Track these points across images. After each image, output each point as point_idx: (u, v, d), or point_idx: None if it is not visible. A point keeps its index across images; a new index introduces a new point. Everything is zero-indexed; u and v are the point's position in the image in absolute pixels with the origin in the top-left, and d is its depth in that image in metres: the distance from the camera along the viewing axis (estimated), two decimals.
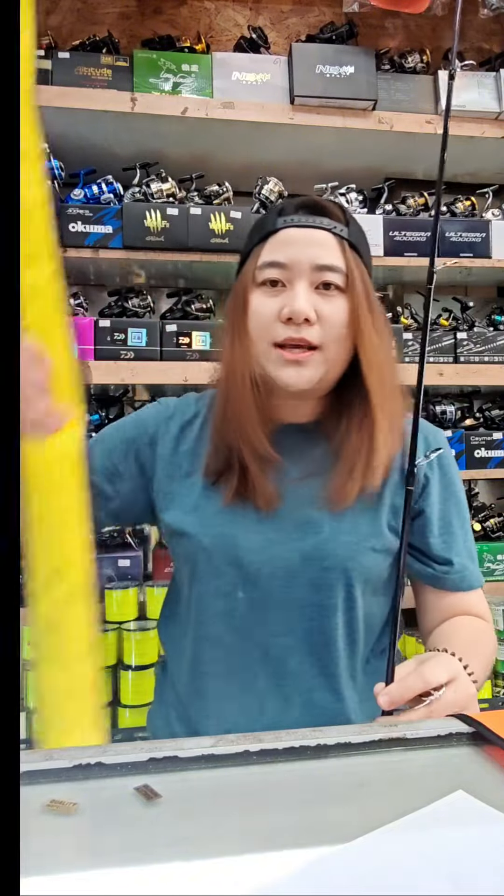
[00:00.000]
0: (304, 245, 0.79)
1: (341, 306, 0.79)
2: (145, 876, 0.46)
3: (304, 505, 0.82)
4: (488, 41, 2.30)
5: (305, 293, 0.78)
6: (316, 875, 0.46)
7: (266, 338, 0.79)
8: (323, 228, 0.80)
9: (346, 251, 0.80)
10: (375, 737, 0.67)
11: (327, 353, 0.79)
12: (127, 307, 1.88)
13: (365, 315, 0.79)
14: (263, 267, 0.81)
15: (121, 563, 1.78)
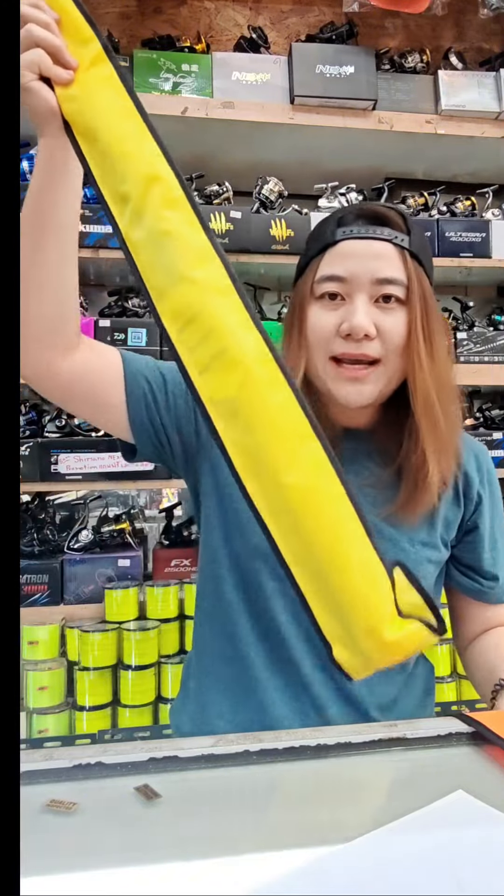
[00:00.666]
0: (363, 258, 0.77)
1: (401, 319, 0.78)
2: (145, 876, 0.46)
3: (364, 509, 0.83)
4: (488, 41, 2.30)
5: (365, 307, 0.76)
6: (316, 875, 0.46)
7: (324, 352, 0.78)
8: (383, 239, 0.78)
9: (407, 262, 0.78)
10: (375, 737, 0.67)
11: (387, 366, 0.78)
12: (127, 307, 1.88)
13: (418, 332, 0.77)
14: (322, 280, 0.79)
15: (121, 563, 1.78)
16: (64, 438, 1.77)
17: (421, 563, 0.84)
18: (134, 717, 1.60)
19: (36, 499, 1.96)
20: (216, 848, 0.50)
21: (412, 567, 0.81)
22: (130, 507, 2.17)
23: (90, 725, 1.58)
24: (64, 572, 1.75)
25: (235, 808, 0.56)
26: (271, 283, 2.13)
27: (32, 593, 1.71)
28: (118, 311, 1.88)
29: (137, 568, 1.80)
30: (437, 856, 0.48)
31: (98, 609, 1.72)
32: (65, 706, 1.62)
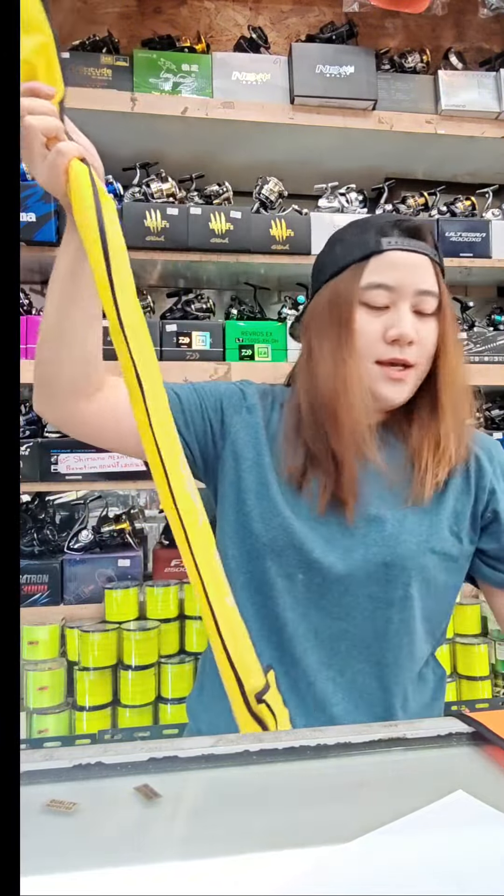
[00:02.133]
0: (408, 269, 0.84)
1: (433, 328, 0.85)
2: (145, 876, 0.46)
3: (370, 501, 0.86)
4: (488, 41, 2.30)
5: (409, 316, 0.83)
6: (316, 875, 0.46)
7: (370, 356, 0.84)
8: (422, 253, 0.85)
9: (438, 274, 0.86)
10: (375, 737, 0.67)
11: (419, 370, 0.86)
12: None
13: (451, 336, 0.86)
14: (370, 287, 0.84)
15: (121, 563, 1.78)
16: (64, 438, 1.77)
17: (424, 553, 0.84)
18: (134, 717, 1.60)
19: (36, 499, 1.96)
20: (216, 848, 0.50)
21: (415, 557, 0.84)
22: (130, 507, 2.17)
23: (90, 725, 1.58)
24: (64, 572, 1.75)
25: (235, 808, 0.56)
26: (271, 283, 2.13)
27: (32, 593, 1.71)
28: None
29: (137, 568, 1.80)
30: (437, 856, 0.48)
31: (98, 609, 1.72)
32: (65, 706, 1.62)
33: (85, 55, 1.83)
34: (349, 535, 0.85)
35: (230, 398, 0.92)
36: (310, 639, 0.84)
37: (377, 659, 0.84)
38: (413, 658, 0.87)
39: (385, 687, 0.85)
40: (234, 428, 0.90)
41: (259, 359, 1.81)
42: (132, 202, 1.82)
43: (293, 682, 0.84)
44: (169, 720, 1.62)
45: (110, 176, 1.85)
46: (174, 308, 1.94)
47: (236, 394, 0.93)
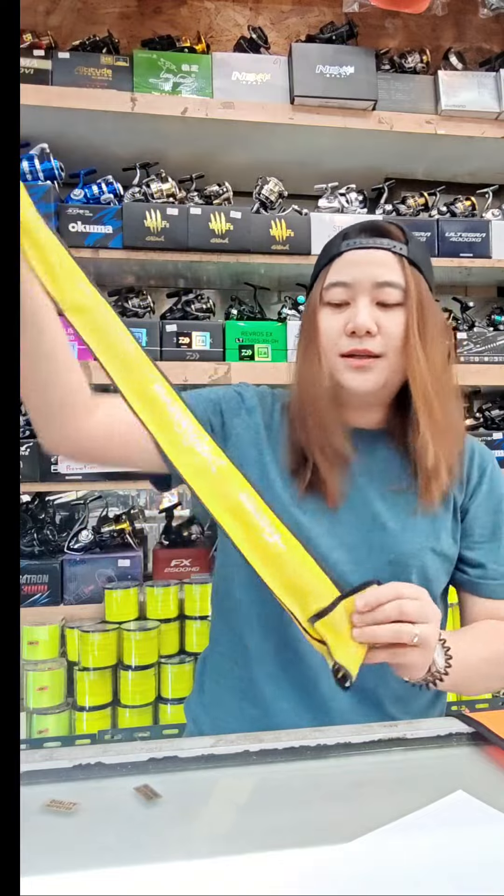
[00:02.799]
0: (365, 265, 0.86)
1: (399, 319, 0.85)
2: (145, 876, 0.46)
3: (370, 501, 0.87)
4: (488, 41, 2.30)
5: (367, 309, 0.84)
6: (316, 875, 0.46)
7: (334, 350, 0.86)
8: (382, 248, 0.86)
9: (405, 268, 0.86)
10: (375, 737, 0.67)
11: (389, 360, 0.85)
12: (127, 307, 1.88)
13: (414, 331, 0.85)
14: (329, 287, 0.87)
15: (121, 563, 1.78)
16: None
17: (425, 552, 0.86)
18: (134, 717, 1.60)
19: (36, 499, 1.96)
20: (216, 848, 0.50)
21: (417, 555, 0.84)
22: (130, 507, 2.17)
23: (90, 725, 1.58)
24: (64, 572, 1.75)
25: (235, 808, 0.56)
26: (271, 283, 2.13)
27: (32, 593, 1.71)
28: (118, 312, 1.88)
29: (137, 568, 1.80)
30: (437, 856, 0.48)
31: (98, 609, 1.72)
32: (65, 706, 1.62)
33: (85, 55, 1.83)
34: (354, 532, 0.86)
35: (228, 402, 0.93)
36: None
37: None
38: None
39: (386, 684, 0.85)
40: (235, 430, 0.91)
41: (259, 359, 1.81)
42: (132, 202, 1.82)
43: (298, 679, 0.85)
44: (169, 720, 1.62)
45: (110, 176, 1.85)
46: (174, 308, 1.94)
47: (234, 398, 0.94)
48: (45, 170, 1.78)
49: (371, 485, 0.88)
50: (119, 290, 1.92)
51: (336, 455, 0.86)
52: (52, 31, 1.95)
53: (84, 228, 1.76)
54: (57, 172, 1.81)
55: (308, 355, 0.89)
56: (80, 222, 1.76)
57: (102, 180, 1.84)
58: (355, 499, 0.87)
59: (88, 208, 1.77)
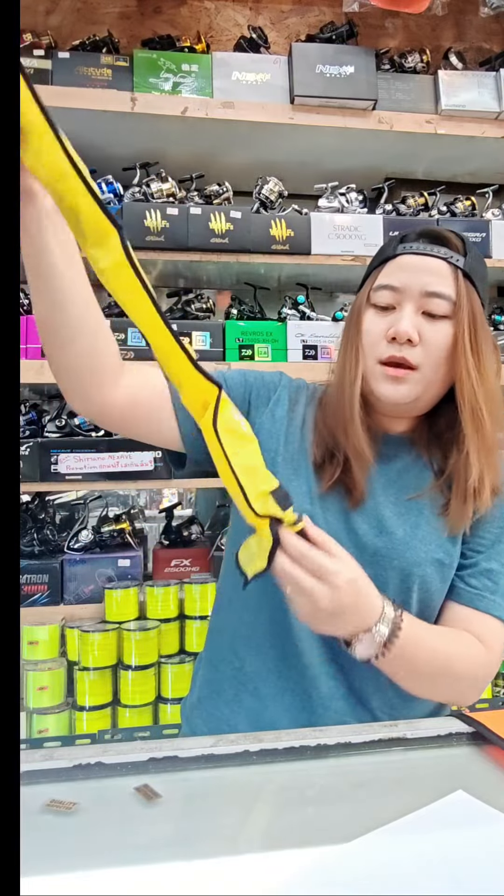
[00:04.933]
0: (417, 271, 0.84)
1: (445, 332, 0.83)
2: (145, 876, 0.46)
3: (382, 506, 0.86)
4: (488, 41, 2.30)
5: (411, 316, 0.82)
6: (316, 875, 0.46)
7: (373, 355, 0.85)
8: (438, 257, 0.84)
9: (458, 280, 0.84)
10: (375, 737, 0.67)
11: (424, 373, 0.83)
12: None
13: (465, 345, 0.82)
14: (378, 289, 0.86)
15: (121, 563, 1.78)
16: (64, 438, 1.77)
17: (430, 562, 0.85)
18: (134, 717, 1.60)
19: (36, 499, 1.96)
20: (216, 848, 0.50)
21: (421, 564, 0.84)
22: (130, 507, 2.17)
23: (90, 725, 1.58)
24: (64, 572, 1.75)
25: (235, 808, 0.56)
26: (271, 283, 2.13)
27: (32, 593, 1.71)
28: (118, 312, 1.88)
29: (137, 568, 1.80)
30: (437, 856, 0.48)
31: (98, 609, 1.72)
32: (65, 706, 1.62)
33: (85, 55, 1.83)
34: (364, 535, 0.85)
35: (259, 390, 0.93)
36: (313, 635, 0.84)
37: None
38: None
39: (386, 685, 0.85)
40: (259, 420, 0.91)
41: (259, 359, 1.81)
42: (132, 202, 1.82)
43: (297, 678, 0.85)
44: (169, 720, 1.62)
45: (110, 176, 1.85)
46: (174, 308, 1.94)
47: (268, 386, 0.94)
48: None
49: (387, 490, 0.88)
50: None
51: (365, 458, 0.85)
52: (52, 31, 1.95)
53: None
54: None
55: (347, 355, 0.88)
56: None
57: (102, 180, 1.84)
58: (369, 502, 0.87)
59: None
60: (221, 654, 0.92)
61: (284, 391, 0.94)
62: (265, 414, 0.91)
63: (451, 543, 0.87)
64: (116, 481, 1.77)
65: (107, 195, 1.83)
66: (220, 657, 0.92)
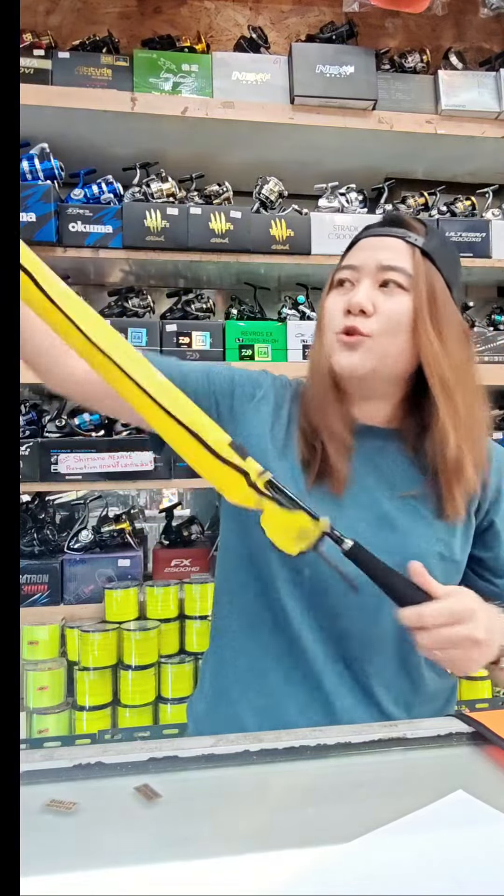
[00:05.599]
0: (374, 249, 0.87)
1: (402, 303, 0.84)
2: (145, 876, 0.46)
3: (379, 502, 0.86)
4: (488, 41, 2.30)
5: (367, 289, 0.84)
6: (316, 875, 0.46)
7: (332, 328, 0.86)
8: (395, 236, 0.87)
9: (415, 256, 0.85)
10: (375, 737, 0.67)
11: (379, 341, 0.83)
12: (127, 307, 1.88)
13: (425, 317, 0.83)
14: (339, 270, 0.89)
15: (121, 563, 1.78)
16: (64, 438, 1.77)
17: (431, 556, 0.84)
18: (134, 717, 1.60)
19: (36, 499, 1.96)
20: (216, 848, 0.50)
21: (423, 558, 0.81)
22: (130, 507, 2.17)
23: (90, 725, 1.58)
24: (64, 572, 1.75)
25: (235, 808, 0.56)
26: (271, 283, 2.13)
27: (32, 593, 1.71)
28: (118, 311, 1.88)
29: (137, 568, 1.80)
30: (437, 856, 0.48)
31: (98, 609, 1.72)
32: (65, 706, 1.62)
33: (85, 55, 1.83)
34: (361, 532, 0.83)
35: (244, 387, 0.93)
36: (316, 633, 0.84)
37: (383, 655, 0.85)
38: (419, 657, 0.87)
39: (391, 683, 0.85)
40: (244, 416, 0.91)
41: (259, 359, 1.81)
42: (132, 202, 1.82)
43: (302, 677, 0.84)
44: (169, 720, 1.62)
45: (110, 176, 1.85)
46: (174, 308, 1.94)
47: (253, 382, 0.94)
48: (45, 170, 1.78)
49: (380, 485, 0.87)
50: (119, 290, 1.92)
51: (340, 440, 0.85)
52: (52, 31, 1.95)
53: (84, 228, 1.76)
54: (57, 172, 1.81)
55: (316, 338, 0.91)
56: (80, 222, 1.76)
57: (102, 180, 1.84)
58: (364, 498, 0.86)
59: (88, 208, 1.77)
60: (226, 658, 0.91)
61: (271, 390, 0.94)
62: (250, 409, 0.91)
63: (450, 535, 0.86)
64: (116, 481, 1.77)
65: (107, 195, 1.83)
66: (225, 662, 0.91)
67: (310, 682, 0.85)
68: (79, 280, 2.08)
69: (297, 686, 0.85)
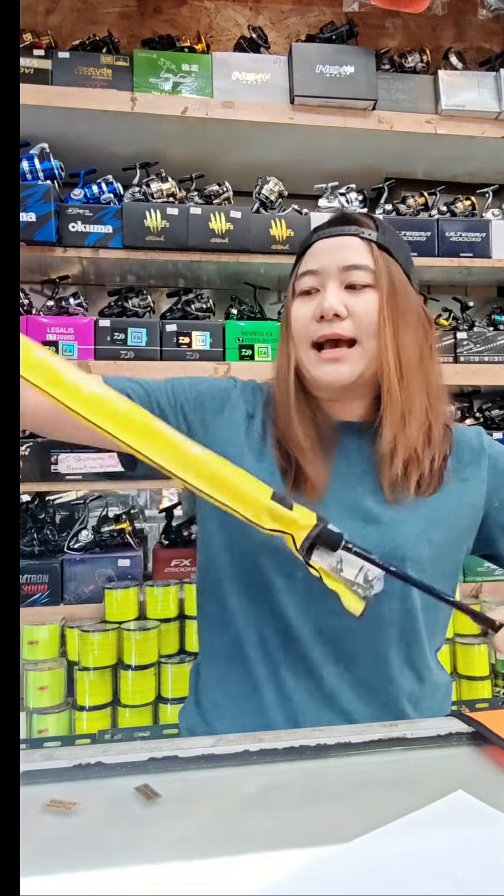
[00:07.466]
0: (333, 251, 0.86)
1: (371, 300, 0.83)
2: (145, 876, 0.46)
3: (361, 496, 0.85)
4: (488, 41, 2.30)
5: (335, 292, 0.83)
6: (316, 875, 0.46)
7: (305, 339, 0.85)
8: (350, 234, 0.86)
9: (373, 251, 0.85)
10: (375, 737, 0.67)
11: (364, 346, 0.83)
12: (127, 307, 1.88)
13: (386, 311, 0.83)
14: (300, 277, 0.88)
15: (121, 563, 1.78)
16: None
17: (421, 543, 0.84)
18: (134, 717, 1.60)
19: (36, 499, 1.96)
20: (216, 848, 0.50)
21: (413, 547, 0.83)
22: (130, 507, 2.17)
23: (90, 725, 1.58)
24: (64, 572, 1.75)
25: (235, 808, 0.56)
26: (271, 283, 2.13)
27: (32, 593, 1.71)
28: (118, 311, 1.88)
29: (137, 568, 1.80)
30: (437, 856, 0.48)
31: (98, 609, 1.72)
32: (65, 706, 1.62)
33: (85, 55, 1.83)
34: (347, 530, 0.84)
35: (213, 397, 0.92)
36: (314, 636, 0.84)
37: (383, 652, 0.84)
38: (420, 650, 0.87)
39: (393, 680, 0.85)
40: (217, 427, 0.90)
41: (259, 358, 1.81)
42: (132, 202, 1.82)
43: (302, 681, 0.84)
44: (169, 720, 1.62)
45: (110, 176, 1.85)
46: (174, 308, 1.94)
47: (221, 391, 0.93)
48: (45, 169, 1.78)
49: (361, 479, 0.86)
50: (119, 289, 1.92)
51: (312, 449, 0.85)
52: (52, 31, 1.95)
53: (84, 228, 1.76)
54: (57, 172, 1.81)
55: (282, 348, 0.89)
56: (80, 222, 1.76)
57: (102, 180, 1.84)
58: (345, 495, 0.85)
59: (88, 208, 1.77)
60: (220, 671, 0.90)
61: (240, 397, 0.93)
62: (222, 419, 0.90)
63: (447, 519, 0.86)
64: (116, 481, 1.78)
65: (107, 195, 1.83)
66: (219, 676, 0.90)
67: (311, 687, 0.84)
68: (79, 280, 2.08)
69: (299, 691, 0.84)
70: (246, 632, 0.86)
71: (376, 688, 0.85)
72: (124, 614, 1.68)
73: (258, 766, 0.62)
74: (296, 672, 0.84)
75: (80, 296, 1.91)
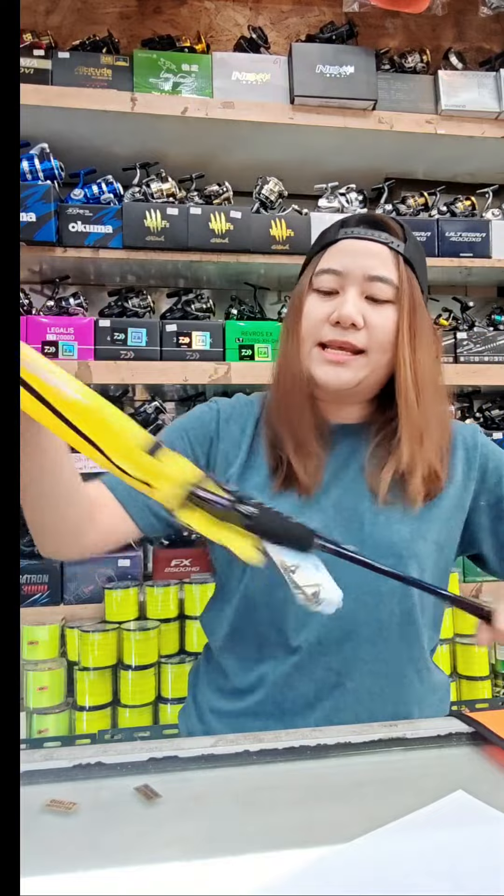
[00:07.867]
0: (359, 255, 0.84)
1: (390, 316, 0.83)
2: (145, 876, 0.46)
3: (357, 497, 0.85)
4: (488, 41, 2.30)
5: (355, 300, 0.82)
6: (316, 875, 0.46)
7: (313, 338, 0.84)
8: (380, 242, 0.84)
9: (399, 265, 0.84)
10: (375, 737, 0.67)
11: (370, 358, 0.83)
12: (127, 307, 1.88)
13: (404, 330, 0.83)
14: (320, 273, 0.85)
15: (121, 563, 1.78)
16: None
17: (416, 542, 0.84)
18: (134, 717, 1.60)
19: None
20: (216, 848, 0.50)
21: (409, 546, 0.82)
22: None
23: (90, 725, 1.58)
24: (64, 572, 1.75)
25: (235, 808, 0.56)
26: (271, 283, 2.13)
27: (32, 593, 1.71)
28: (118, 311, 1.88)
29: (137, 568, 1.80)
30: (437, 856, 0.48)
31: (98, 609, 1.72)
32: (65, 706, 1.62)
33: (85, 55, 1.83)
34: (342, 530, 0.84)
35: (208, 425, 0.91)
36: (315, 645, 0.83)
37: (385, 656, 0.84)
38: (420, 651, 0.87)
39: (395, 684, 0.85)
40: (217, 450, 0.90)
41: (259, 359, 1.81)
42: (132, 202, 1.82)
43: (304, 692, 0.84)
44: (169, 720, 1.61)
45: (110, 176, 1.85)
46: (174, 308, 1.94)
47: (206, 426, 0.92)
48: (45, 169, 1.78)
49: (356, 480, 0.86)
50: (119, 290, 1.92)
51: (306, 450, 0.84)
52: (52, 31, 1.95)
53: (84, 228, 1.76)
54: (57, 172, 1.81)
55: (289, 343, 0.87)
56: (80, 222, 1.76)
57: (102, 180, 1.84)
58: (341, 497, 0.85)
59: (88, 208, 1.77)
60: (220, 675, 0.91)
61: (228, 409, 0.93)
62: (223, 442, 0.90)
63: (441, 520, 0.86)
64: None
65: (107, 195, 1.83)
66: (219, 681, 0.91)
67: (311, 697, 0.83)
68: (79, 280, 2.08)
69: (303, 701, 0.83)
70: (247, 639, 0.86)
71: (379, 692, 0.84)
72: (124, 614, 1.68)
73: (258, 767, 0.62)
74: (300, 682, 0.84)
75: (80, 296, 1.91)
